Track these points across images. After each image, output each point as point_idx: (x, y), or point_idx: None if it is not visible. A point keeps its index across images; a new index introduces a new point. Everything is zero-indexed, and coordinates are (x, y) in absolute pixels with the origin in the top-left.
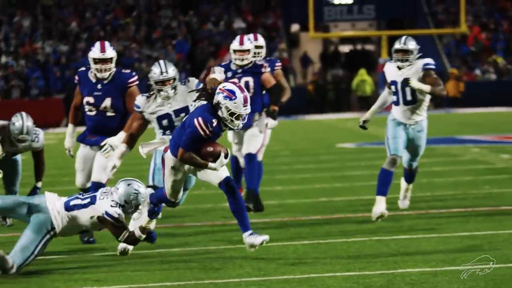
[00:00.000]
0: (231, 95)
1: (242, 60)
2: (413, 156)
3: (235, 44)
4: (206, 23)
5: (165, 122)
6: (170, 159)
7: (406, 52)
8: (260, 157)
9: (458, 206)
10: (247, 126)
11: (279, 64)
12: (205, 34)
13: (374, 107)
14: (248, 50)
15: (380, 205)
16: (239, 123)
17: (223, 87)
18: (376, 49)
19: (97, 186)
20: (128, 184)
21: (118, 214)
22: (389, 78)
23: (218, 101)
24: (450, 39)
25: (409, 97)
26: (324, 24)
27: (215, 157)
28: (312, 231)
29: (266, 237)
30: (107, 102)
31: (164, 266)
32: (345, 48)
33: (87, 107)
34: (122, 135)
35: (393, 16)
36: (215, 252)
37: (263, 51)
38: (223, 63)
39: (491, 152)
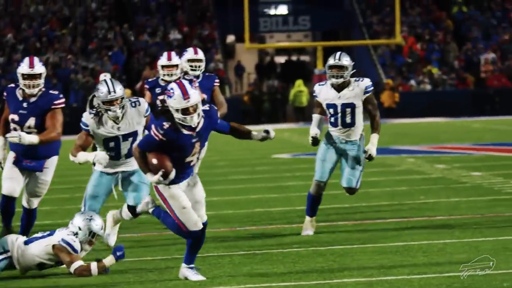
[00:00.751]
0: (169, 93)
1: (171, 75)
2: (352, 169)
3: (163, 60)
4: (142, 34)
5: (111, 144)
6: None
7: (341, 68)
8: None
9: (394, 217)
10: None
11: (218, 81)
12: (141, 45)
13: (316, 125)
14: (177, 65)
15: (307, 229)
16: (192, 119)
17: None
18: (311, 60)
19: (28, 212)
20: (82, 213)
21: (74, 241)
22: (325, 102)
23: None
24: (385, 50)
25: (348, 120)
26: (260, 35)
27: (154, 171)
28: (248, 241)
29: (202, 278)
30: (31, 121)
31: (100, 278)
32: (280, 59)
33: (12, 125)
34: (35, 137)
35: (329, 27)
36: (152, 263)
37: (202, 65)
38: (150, 79)
39: (427, 162)
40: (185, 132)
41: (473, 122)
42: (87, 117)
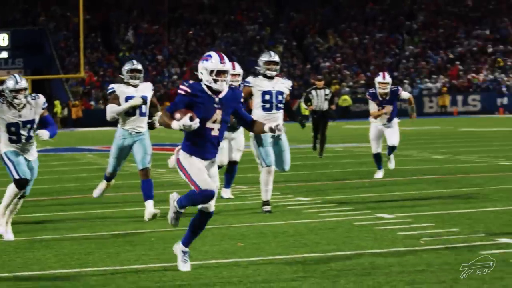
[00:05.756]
0: (206, 57)
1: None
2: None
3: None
4: None
5: (13, 129)
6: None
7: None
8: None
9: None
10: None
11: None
12: None
13: None
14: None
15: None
16: (222, 84)
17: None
18: None
19: None
20: None
21: None
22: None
23: (199, 71)
24: (74, 81)
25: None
26: None
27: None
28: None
29: (188, 269)
30: None
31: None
32: None
33: None
34: None
35: (36, 66)
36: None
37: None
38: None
39: (101, 158)
40: (209, 92)
41: None
42: None
